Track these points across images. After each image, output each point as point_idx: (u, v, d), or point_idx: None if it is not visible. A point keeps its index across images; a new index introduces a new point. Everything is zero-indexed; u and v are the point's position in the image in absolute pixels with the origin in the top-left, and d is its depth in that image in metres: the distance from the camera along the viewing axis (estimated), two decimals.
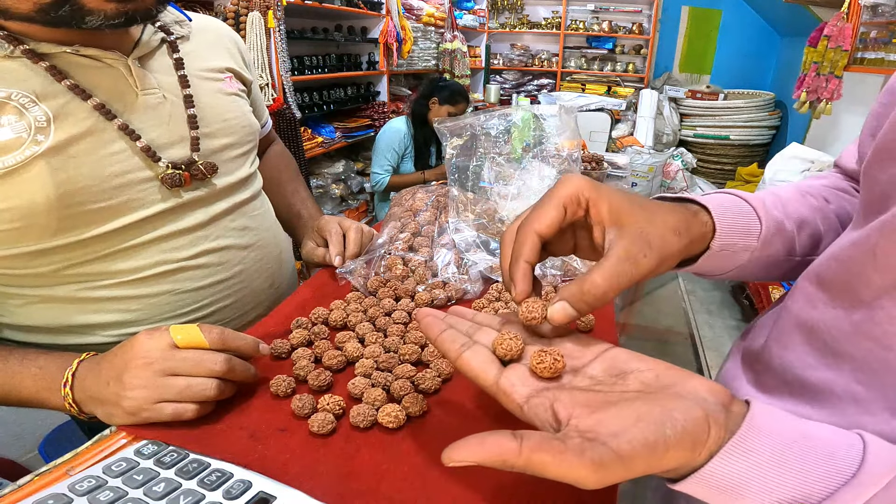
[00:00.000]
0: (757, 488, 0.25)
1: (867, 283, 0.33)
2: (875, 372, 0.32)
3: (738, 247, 0.39)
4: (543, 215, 0.34)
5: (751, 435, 0.26)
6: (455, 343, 0.34)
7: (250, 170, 0.72)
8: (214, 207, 0.64)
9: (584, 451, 0.25)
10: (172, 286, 0.61)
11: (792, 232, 0.42)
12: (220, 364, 0.45)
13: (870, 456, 0.25)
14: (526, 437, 0.26)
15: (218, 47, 0.71)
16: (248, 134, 0.71)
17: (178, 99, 0.61)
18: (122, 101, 0.55)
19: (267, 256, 0.73)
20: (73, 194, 0.51)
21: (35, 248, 0.52)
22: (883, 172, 0.34)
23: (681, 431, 0.25)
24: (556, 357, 0.31)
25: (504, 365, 0.33)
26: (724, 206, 0.39)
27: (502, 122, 0.82)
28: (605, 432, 0.26)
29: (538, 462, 0.25)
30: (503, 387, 0.32)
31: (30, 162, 0.48)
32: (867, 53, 2.22)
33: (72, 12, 0.46)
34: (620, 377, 0.30)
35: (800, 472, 0.25)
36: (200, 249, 0.63)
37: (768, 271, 0.43)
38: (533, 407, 0.30)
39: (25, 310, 0.56)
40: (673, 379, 0.29)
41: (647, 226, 0.34)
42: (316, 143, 2.58)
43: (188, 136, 0.61)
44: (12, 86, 0.49)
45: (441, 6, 3.78)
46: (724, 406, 0.28)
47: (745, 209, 0.40)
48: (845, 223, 0.45)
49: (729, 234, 0.38)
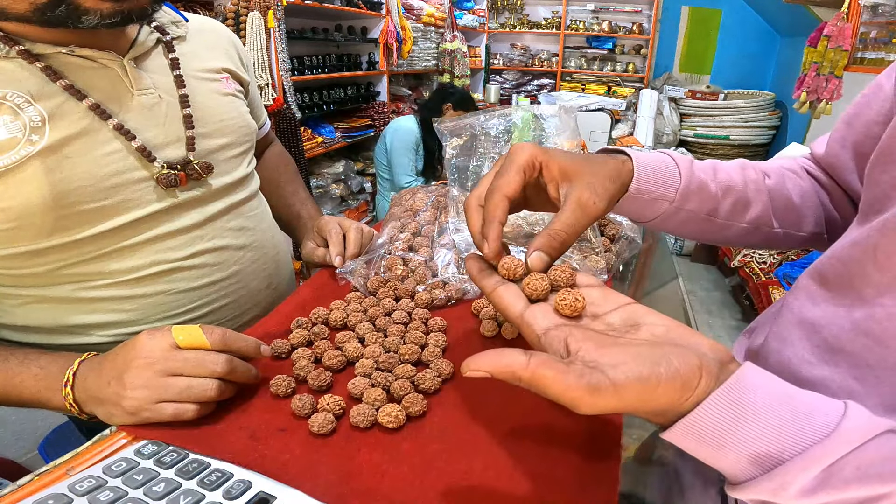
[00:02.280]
0: (735, 439, 0.27)
1: (868, 281, 0.33)
2: (872, 368, 0.32)
3: (654, 194, 0.45)
4: (509, 181, 0.39)
5: (736, 387, 0.27)
6: (492, 280, 0.38)
7: (247, 170, 0.72)
8: (210, 207, 0.64)
9: (583, 374, 0.27)
10: (168, 286, 0.61)
11: (716, 194, 0.47)
12: (221, 365, 0.45)
13: (847, 420, 0.26)
14: (535, 355, 0.29)
15: (215, 48, 0.70)
16: (245, 134, 0.71)
17: (173, 99, 0.60)
18: (118, 101, 0.55)
19: (264, 257, 0.73)
20: (67, 194, 0.51)
21: (30, 249, 0.52)
22: (885, 174, 0.35)
23: (673, 371, 0.27)
24: (578, 297, 0.34)
25: (532, 303, 0.36)
26: (648, 159, 0.45)
27: (502, 122, 0.82)
28: (605, 363, 0.28)
29: (541, 377, 0.28)
30: (526, 318, 0.35)
31: (25, 162, 0.48)
32: (867, 53, 2.22)
33: (68, 12, 0.46)
34: (634, 327, 0.33)
35: (777, 427, 0.26)
36: (196, 250, 0.63)
37: (690, 227, 0.49)
38: (549, 338, 0.32)
39: (21, 310, 0.56)
40: (681, 334, 0.32)
41: (592, 177, 0.40)
42: (316, 143, 2.58)
43: (184, 136, 0.61)
44: (7, 86, 0.49)
45: (441, 6, 3.78)
46: (722, 362, 0.30)
47: (669, 165, 0.46)
48: (778, 199, 0.49)
49: (645, 182, 0.44)
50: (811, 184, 0.52)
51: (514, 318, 0.35)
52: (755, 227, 0.49)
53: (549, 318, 0.34)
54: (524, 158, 0.40)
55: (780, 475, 0.26)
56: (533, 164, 0.40)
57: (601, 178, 0.41)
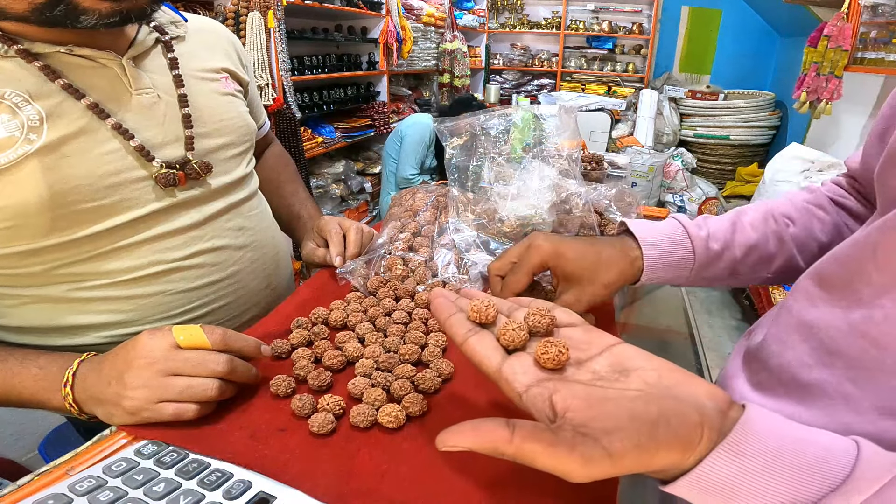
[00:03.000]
0: (747, 491, 0.25)
1: (867, 282, 0.33)
2: (868, 371, 0.32)
3: (666, 278, 0.50)
4: (518, 281, 0.49)
5: (743, 437, 0.26)
6: (462, 328, 0.35)
7: (246, 170, 0.72)
8: (209, 207, 0.64)
9: (574, 445, 0.25)
10: (166, 287, 0.61)
11: (734, 257, 0.51)
12: (222, 365, 0.45)
13: (862, 462, 0.25)
14: (518, 427, 0.26)
15: (214, 48, 0.70)
16: (244, 134, 0.71)
17: (172, 98, 0.60)
18: (117, 100, 0.55)
19: (263, 257, 0.73)
20: (65, 194, 0.51)
21: (27, 248, 0.51)
22: (893, 178, 0.35)
23: (672, 434, 0.26)
24: (561, 349, 0.31)
25: (509, 353, 0.34)
26: (658, 247, 0.50)
27: (502, 122, 0.82)
28: (597, 428, 0.26)
29: (528, 451, 0.26)
30: (505, 374, 0.32)
31: (22, 161, 0.48)
32: (867, 53, 2.22)
33: (66, 12, 0.46)
34: (623, 374, 0.31)
35: (790, 476, 0.25)
36: (195, 250, 0.62)
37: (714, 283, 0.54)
38: (532, 397, 0.30)
39: (17, 310, 0.56)
40: (675, 380, 0.29)
41: (586, 286, 0.48)
42: (316, 143, 2.57)
43: (183, 136, 0.61)
44: (5, 85, 0.49)
45: (441, 6, 3.78)
46: (722, 411, 0.28)
47: (682, 242, 0.50)
48: (806, 246, 0.52)
49: (654, 272, 0.49)
50: (837, 216, 0.53)
51: (492, 372, 0.33)
52: (782, 273, 0.52)
53: (530, 373, 0.31)
54: (534, 262, 0.49)
55: None
56: (543, 266, 0.49)
57: (596, 286, 0.48)
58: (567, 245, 0.49)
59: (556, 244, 0.49)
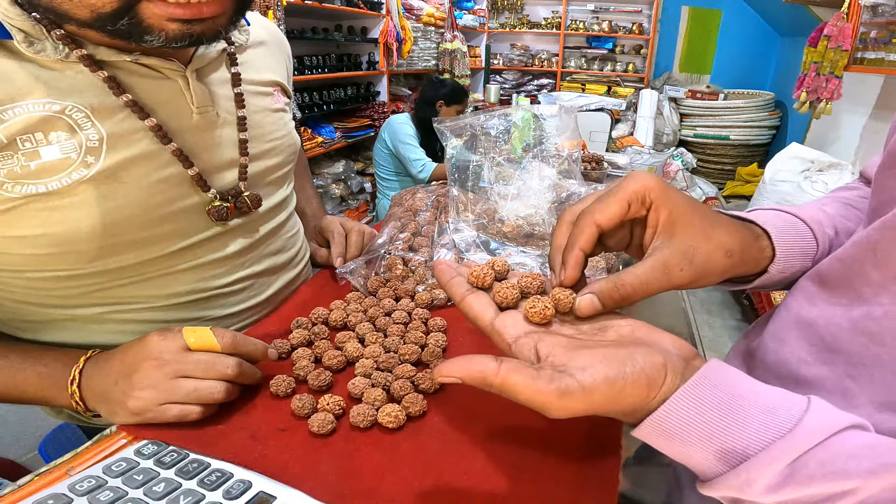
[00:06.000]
0: (700, 435, 0.27)
1: (867, 280, 0.33)
2: (867, 367, 0.33)
3: (794, 269, 0.40)
4: (606, 208, 0.34)
5: (701, 383, 0.28)
6: (461, 288, 0.38)
7: (287, 190, 0.70)
8: (255, 234, 0.62)
9: (552, 379, 0.28)
10: (203, 313, 0.59)
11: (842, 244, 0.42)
12: (231, 368, 0.45)
13: (809, 415, 0.26)
14: (505, 361, 0.29)
15: (270, 58, 0.67)
16: (291, 153, 0.68)
17: (231, 117, 0.57)
18: (178, 120, 0.52)
19: (295, 277, 0.72)
20: (117, 224, 0.48)
21: (67, 273, 0.49)
22: (892, 178, 0.35)
23: (639, 371, 0.28)
24: (547, 304, 0.34)
25: (501, 311, 0.36)
26: (784, 231, 0.40)
27: (502, 122, 0.82)
28: (573, 366, 0.29)
29: (511, 383, 0.28)
30: (497, 327, 0.35)
31: (75, 186, 0.45)
32: (867, 53, 2.21)
33: (130, 27, 0.41)
34: (602, 330, 0.34)
35: (741, 423, 0.27)
36: (236, 277, 0.61)
37: None
38: (519, 346, 0.33)
39: (46, 328, 0.54)
40: (646, 332, 0.32)
41: (699, 242, 0.34)
42: (316, 143, 2.58)
43: (237, 161, 0.58)
44: (67, 97, 0.45)
45: (441, 6, 3.78)
46: (686, 358, 0.30)
47: (803, 231, 0.41)
48: None
49: (787, 259, 0.39)
50: None
51: (485, 326, 0.36)
52: None
53: (519, 326, 0.35)
54: (634, 189, 0.34)
55: (745, 471, 0.26)
56: (643, 199, 0.34)
57: (712, 246, 0.34)
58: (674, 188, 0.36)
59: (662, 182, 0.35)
